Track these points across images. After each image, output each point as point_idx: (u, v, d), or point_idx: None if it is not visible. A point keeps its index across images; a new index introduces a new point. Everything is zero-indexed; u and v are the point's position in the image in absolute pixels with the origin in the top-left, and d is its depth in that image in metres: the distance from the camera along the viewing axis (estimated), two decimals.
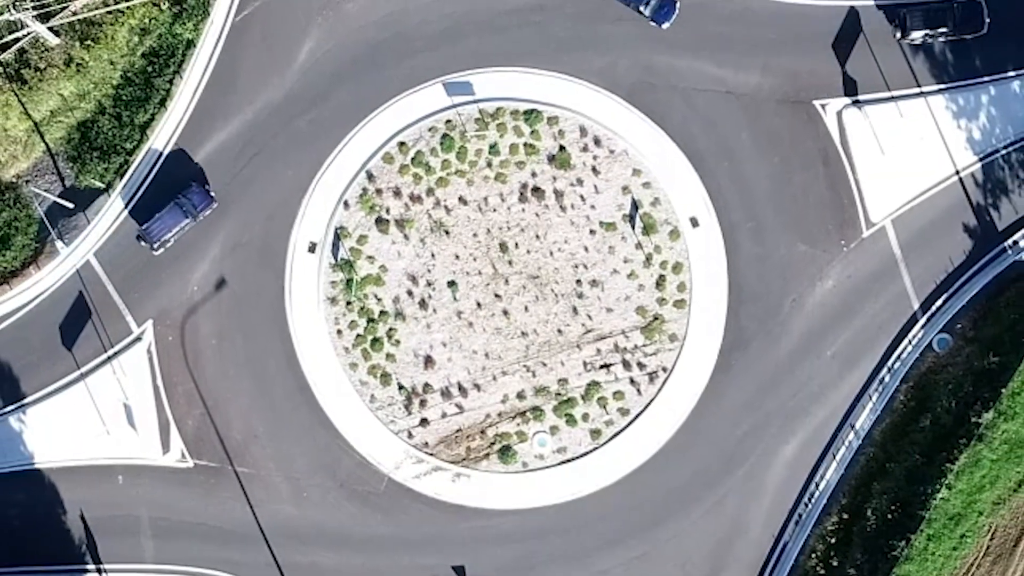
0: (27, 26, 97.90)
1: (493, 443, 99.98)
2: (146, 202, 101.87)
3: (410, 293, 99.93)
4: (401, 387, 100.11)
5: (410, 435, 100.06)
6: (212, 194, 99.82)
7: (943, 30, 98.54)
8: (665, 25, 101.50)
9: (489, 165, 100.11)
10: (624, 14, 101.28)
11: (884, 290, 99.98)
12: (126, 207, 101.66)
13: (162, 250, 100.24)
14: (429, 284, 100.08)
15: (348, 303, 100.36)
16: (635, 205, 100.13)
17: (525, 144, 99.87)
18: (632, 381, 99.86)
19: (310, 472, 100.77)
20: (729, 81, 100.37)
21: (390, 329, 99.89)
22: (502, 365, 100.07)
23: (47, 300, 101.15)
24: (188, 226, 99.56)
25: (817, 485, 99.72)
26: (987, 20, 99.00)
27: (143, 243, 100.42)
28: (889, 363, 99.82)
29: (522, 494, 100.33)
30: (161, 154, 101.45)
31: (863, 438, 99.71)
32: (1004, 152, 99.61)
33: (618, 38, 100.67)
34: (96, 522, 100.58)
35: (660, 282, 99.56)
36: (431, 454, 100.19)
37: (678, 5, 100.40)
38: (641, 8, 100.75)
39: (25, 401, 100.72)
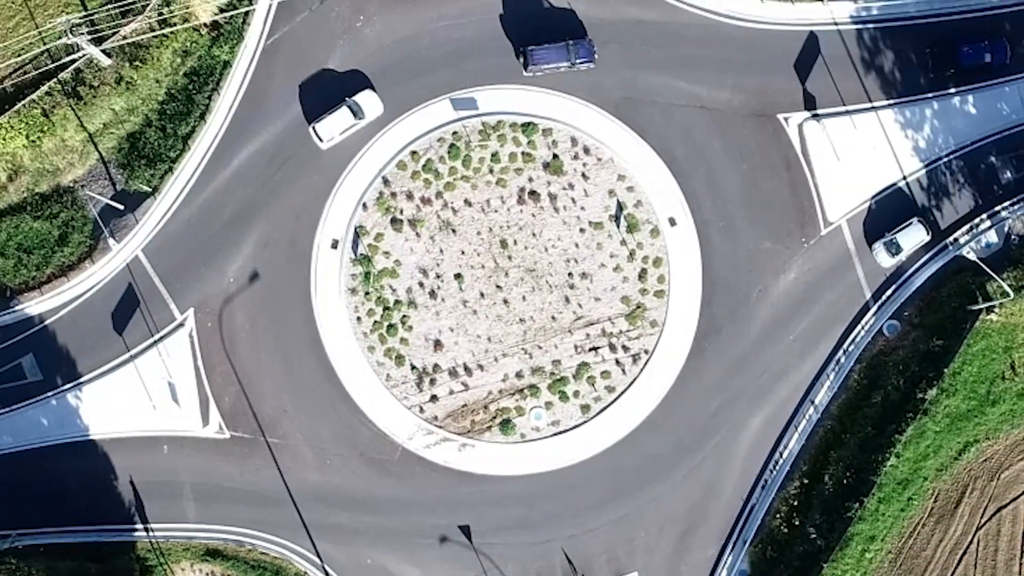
0: (82, 49, 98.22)
1: (495, 417, 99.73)
2: (188, 204, 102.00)
3: (421, 284, 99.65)
4: (413, 367, 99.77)
5: (421, 410, 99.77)
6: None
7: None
8: (590, 65, 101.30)
9: (491, 171, 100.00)
10: (610, 38, 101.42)
11: (840, 282, 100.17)
12: (170, 209, 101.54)
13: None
14: (438, 276, 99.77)
15: (366, 293, 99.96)
16: (620, 206, 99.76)
17: (523, 153, 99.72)
18: (617, 362, 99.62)
19: (333, 442, 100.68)
20: (703, 97, 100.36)
21: (403, 316, 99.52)
22: (502, 348, 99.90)
23: (100, 291, 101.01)
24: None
25: (781, 454, 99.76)
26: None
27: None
28: (844, 346, 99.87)
29: (520, 462, 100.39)
30: (201, 161, 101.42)
31: (821, 412, 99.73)
32: (946, 159, 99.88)
33: (604, 59, 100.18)
34: (143, 486, 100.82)
35: (642, 275, 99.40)
36: (440, 426, 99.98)
37: (595, 49, 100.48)
38: (568, 64, 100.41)
39: (81, 380, 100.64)
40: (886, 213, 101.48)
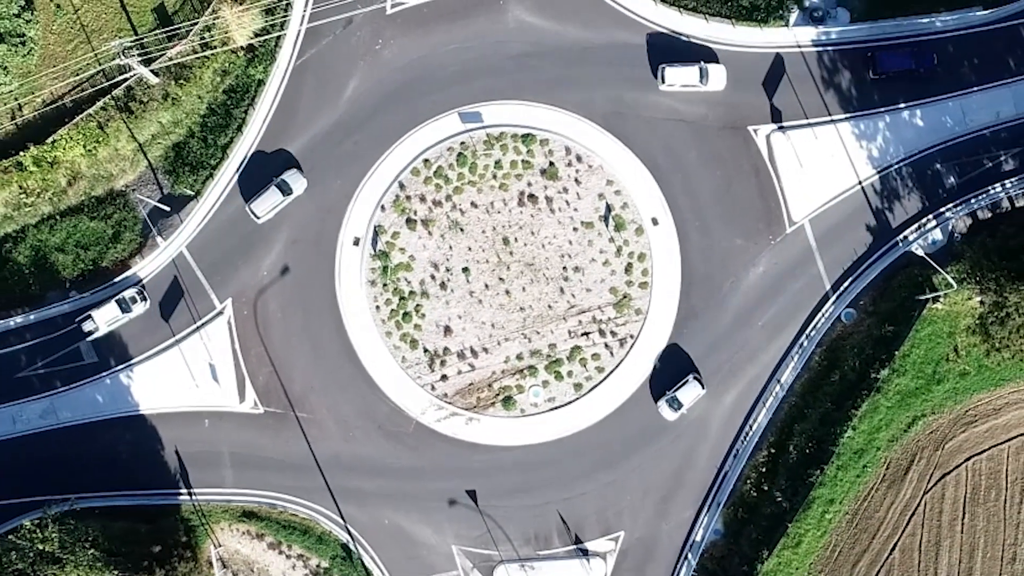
0: (133, 69, 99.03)
1: (498, 394, 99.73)
2: (227, 206, 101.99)
3: (433, 277, 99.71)
4: (426, 350, 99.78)
5: (433, 388, 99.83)
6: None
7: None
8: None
9: (494, 177, 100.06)
10: (600, 59, 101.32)
11: (803, 274, 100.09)
12: (211, 210, 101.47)
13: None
14: (448, 270, 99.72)
15: (384, 285, 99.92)
16: (608, 208, 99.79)
17: (522, 160, 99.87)
18: (606, 345, 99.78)
19: (355, 416, 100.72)
20: (682, 112, 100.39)
21: (417, 305, 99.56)
22: (505, 333, 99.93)
23: (149, 283, 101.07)
24: None
25: (751, 427, 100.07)
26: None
27: None
28: (807, 331, 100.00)
29: (520, 434, 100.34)
30: (239, 168, 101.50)
31: (786, 390, 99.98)
32: (896, 166, 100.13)
33: (595, 78, 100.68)
34: (187, 456, 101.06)
35: (628, 268, 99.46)
36: (449, 403, 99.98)
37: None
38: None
39: (132, 361, 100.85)
40: (843, 214, 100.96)
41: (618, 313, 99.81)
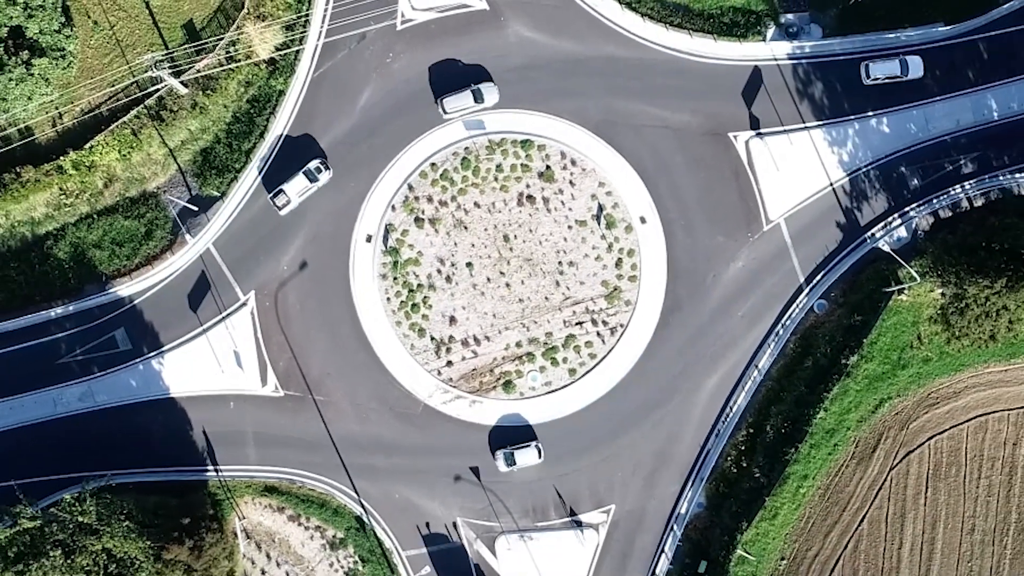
0: (164, 80, 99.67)
1: (499, 379, 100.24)
2: (250, 206, 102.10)
3: (439, 271, 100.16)
4: (432, 338, 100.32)
5: (439, 373, 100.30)
6: None
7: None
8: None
9: (496, 179, 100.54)
10: (592, 71, 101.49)
11: (779, 268, 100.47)
12: (236, 210, 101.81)
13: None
14: (452, 264, 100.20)
15: (394, 278, 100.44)
16: (600, 208, 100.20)
17: (521, 164, 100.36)
18: (598, 334, 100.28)
19: (367, 399, 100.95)
20: (668, 119, 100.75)
21: (424, 297, 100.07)
22: (505, 323, 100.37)
23: (179, 277, 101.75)
24: None
25: (731, 408, 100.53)
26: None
27: None
28: (782, 321, 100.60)
29: (521, 415, 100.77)
30: (261, 171, 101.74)
31: (764, 374, 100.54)
32: (865, 169, 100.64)
33: (587, 88, 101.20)
34: (213, 435, 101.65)
35: (618, 263, 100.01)
36: (454, 387, 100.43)
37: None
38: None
39: (163, 349, 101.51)
40: (816, 213, 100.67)
41: (609, 304, 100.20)
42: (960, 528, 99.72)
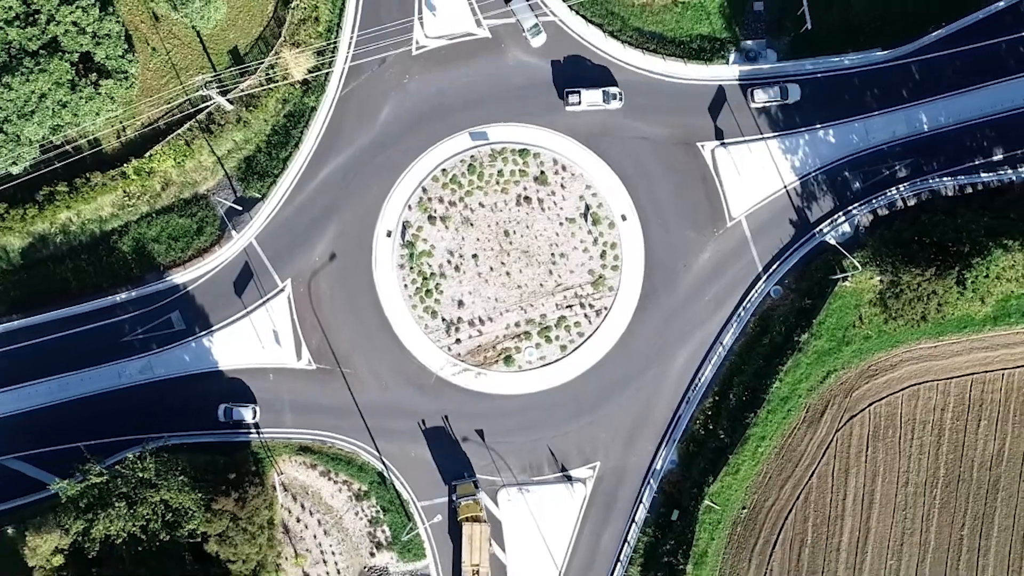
0: (213, 98, 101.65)
1: (500, 354, 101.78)
2: (287, 206, 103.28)
3: (449, 261, 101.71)
4: (443, 319, 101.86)
5: (449, 349, 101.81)
6: None
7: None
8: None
9: (497, 183, 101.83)
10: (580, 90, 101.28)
11: (740, 259, 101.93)
12: (275, 209, 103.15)
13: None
14: (460, 256, 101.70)
15: (411, 268, 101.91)
16: (587, 207, 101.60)
17: (519, 170, 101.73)
18: (586, 315, 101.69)
19: (387, 372, 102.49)
20: (645, 131, 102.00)
21: (436, 284, 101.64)
22: (506, 306, 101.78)
23: (226, 267, 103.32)
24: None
25: (699, 379, 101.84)
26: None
27: None
28: (743, 304, 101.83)
29: (518, 386, 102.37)
30: (296, 176, 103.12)
31: (727, 350, 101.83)
32: (814, 173, 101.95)
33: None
34: (257, 402, 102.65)
35: (603, 255, 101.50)
36: (462, 361, 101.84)
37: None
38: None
39: (212, 329, 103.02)
40: (772, 211, 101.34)
41: (595, 290, 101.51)
42: (896, 482, 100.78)
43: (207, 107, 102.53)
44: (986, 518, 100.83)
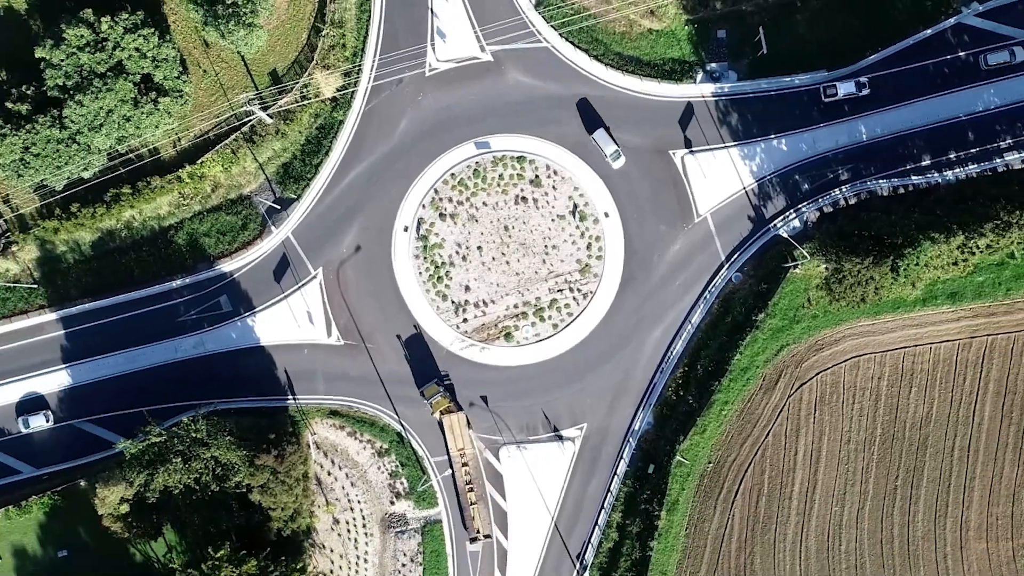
0: (255, 113, 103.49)
1: (501, 331, 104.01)
2: (319, 205, 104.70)
3: (457, 252, 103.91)
4: (452, 302, 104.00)
5: (457, 327, 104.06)
6: None
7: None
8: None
9: (498, 185, 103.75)
10: (569, 105, 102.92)
11: (706, 250, 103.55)
12: (308, 208, 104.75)
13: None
14: (467, 248, 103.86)
15: (424, 258, 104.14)
16: (575, 206, 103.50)
17: (517, 174, 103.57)
18: (574, 298, 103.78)
19: (405, 347, 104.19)
20: (625, 140, 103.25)
21: (447, 271, 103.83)
22: (506, 290, 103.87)
23: (266, 257, 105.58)
24: None
25: (671, 352, 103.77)
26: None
27: None
28: (709, 288, 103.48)
29: (517, 358, 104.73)
30: (326, 180, 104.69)
31: (695, 328, 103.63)
32: (769, 177, 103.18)
33: (565, 118, 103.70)
34: (293, 373, 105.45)
35: (589, 246, 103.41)
36: (468, 337, 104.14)
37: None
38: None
39: (255, 310, 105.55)
40: (734, 209, 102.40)
41: (582, 276, 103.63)
42: (839, 440, 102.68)
43: (250, 121, 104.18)
44: (916, 471, 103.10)
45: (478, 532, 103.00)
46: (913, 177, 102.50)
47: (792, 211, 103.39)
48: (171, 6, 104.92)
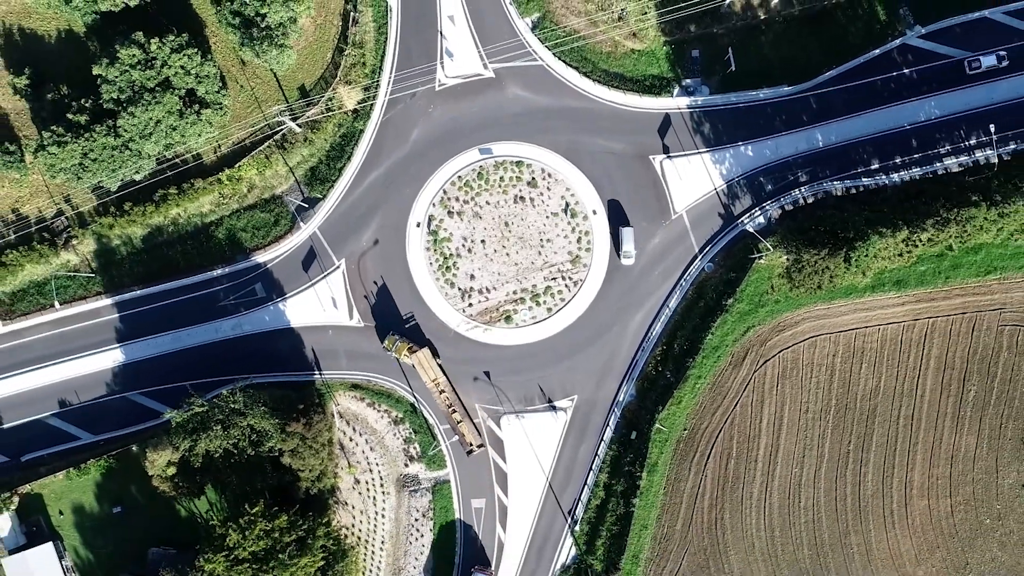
0: (286, 124, 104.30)
1: (502, 315, 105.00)
2: (342, 204, 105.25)
3: (463, 245, 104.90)
4: (459, 289, 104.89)
5: (463, 311, 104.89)
6: None
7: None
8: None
9: (499, 186, 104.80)
10: (561, 116, 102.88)
11: (682, 243, 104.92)
12: (332, 207, 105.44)
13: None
14: (472, 241, 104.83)
15: (434, 250, 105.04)
16: (567, 204, 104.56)
17: (515, 176, 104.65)
18: (566, 285, 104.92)
19: (417, 328, 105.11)
20: (610, 147, 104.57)
21: (454, 262, 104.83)
22: (506, 278, 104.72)
23: (296, 250, 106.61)
24: None
25: (651, 333, 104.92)
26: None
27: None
28: (684, 276, 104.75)
29: (516, 338, 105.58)
30: (348, 182, 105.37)
31: (672, 311, 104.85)
32: (738, 178, 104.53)
33: (558, 128, 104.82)
34: (319, 351, 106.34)
35: (579, 240, 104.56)
36: (473, 319, 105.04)
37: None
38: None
39: (285, 296, 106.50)
40: (706, 207, 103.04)
41: (573, 266, 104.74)
42: (799, 410, 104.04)
43: (281, 130, 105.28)
44: (866, 437, 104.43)
45: (471, 444, 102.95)
46: (863, 179, 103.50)
47: (757, 209, 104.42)
48: (212, 29, 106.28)
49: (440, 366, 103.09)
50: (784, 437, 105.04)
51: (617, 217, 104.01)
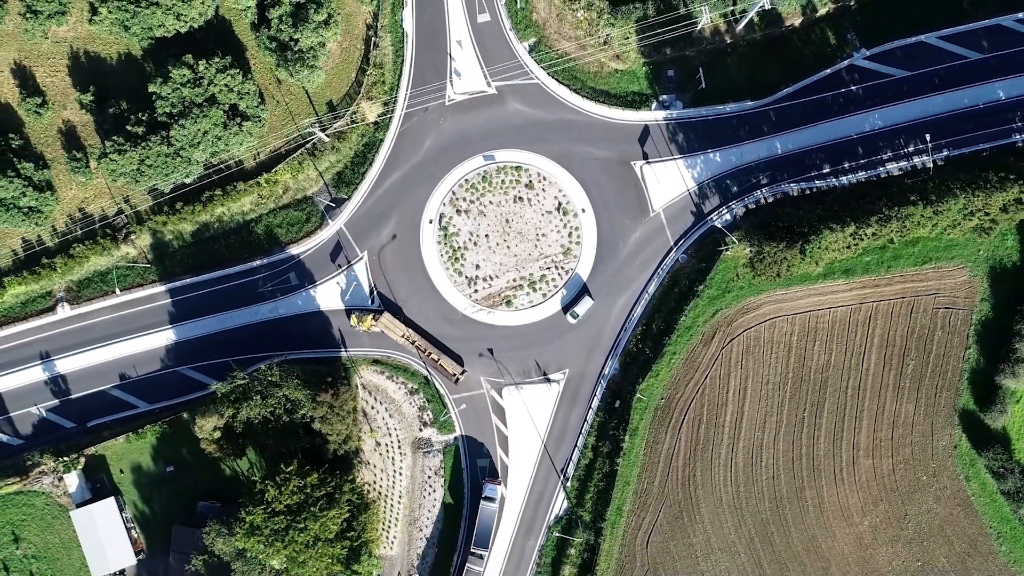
0: (316, 134, 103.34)
1: (503, 299, 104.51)
2: (364, 204, 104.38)
3: (469, 239, 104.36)
4: (466, 277, 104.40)
5: (470, 296, 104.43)
6: None
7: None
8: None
9: (501, 188, 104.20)
10: (556, 128, 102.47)
11: (659, 237, 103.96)
12: (356, 206, 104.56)
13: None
14: (477, 236, 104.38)
15: (445, 244, 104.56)
16: (560, 204, 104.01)
17: (515, 179, 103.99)
18: (559, 274, 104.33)
19: (430, 311, 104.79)
20: (597, 154, 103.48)
21: (462, 254, 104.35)
22: (507, 268, 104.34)
23: (324, 244, 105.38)
24: None
25: (632, 315, 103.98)
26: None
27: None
28: (661, 266, 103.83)
29: (515, 320, 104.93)
30: (370, 184, 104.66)
31: (651, 297, 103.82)
32: (708, 181, 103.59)
33: (553, 137, 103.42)
34: (344, 331, 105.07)
35: (570, 235, 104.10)
36: (478, 303, 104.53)
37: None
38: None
39: (316, 283, 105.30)
40: (681, 205, 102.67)
41: (565, 257, 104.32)
42: (760, 381, 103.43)
43: (312, 139, 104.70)
44: (819, 406, 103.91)
45: (454, 375, 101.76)
46: (816, 181, 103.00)
47: (725, 207, 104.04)
48: (252, 52, 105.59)
49: (403, 322, 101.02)
50: (748, 405, 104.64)
51: (581, 290, 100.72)
